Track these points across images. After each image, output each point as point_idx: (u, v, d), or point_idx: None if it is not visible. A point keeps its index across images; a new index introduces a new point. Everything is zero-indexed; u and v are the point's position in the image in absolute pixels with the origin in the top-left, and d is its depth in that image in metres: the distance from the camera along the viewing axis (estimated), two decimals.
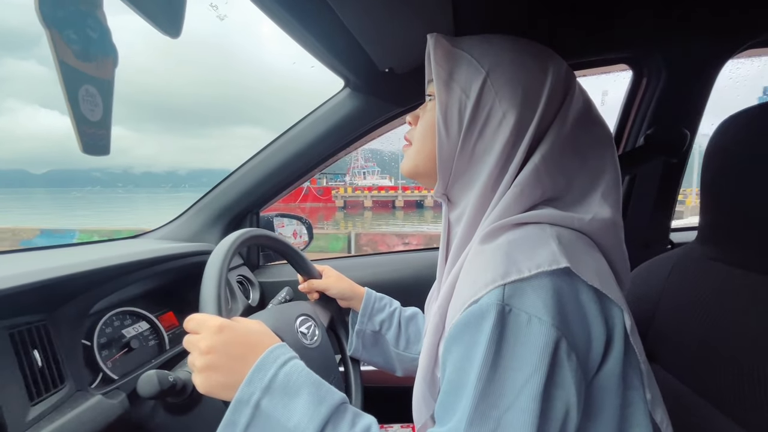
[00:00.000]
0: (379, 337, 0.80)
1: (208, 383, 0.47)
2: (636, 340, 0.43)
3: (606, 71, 0.98)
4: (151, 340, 0.83)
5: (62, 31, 0.32)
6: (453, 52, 0.51)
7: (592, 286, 0.41)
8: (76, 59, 0.33)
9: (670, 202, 1.06)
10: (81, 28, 0.33)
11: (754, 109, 0.56)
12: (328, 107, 1.05)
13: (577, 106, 0.50)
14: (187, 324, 0.51)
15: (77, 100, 0.33)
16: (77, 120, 0.33)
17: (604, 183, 0.49)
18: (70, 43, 0.32)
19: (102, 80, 0.36)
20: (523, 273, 0.39)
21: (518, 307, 0.38)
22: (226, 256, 0.58)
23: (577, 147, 0.49)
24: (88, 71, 0.34)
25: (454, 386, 0.40)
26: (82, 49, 0.34)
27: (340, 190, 23.97)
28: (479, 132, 0.49)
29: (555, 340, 0.37)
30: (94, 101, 0.35)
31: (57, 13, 0.31)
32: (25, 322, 0.57)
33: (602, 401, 0.41)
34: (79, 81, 0.34)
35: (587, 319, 0.40)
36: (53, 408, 0.57)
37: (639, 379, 0.42)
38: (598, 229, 0.47)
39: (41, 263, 0.63)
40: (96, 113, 0.35)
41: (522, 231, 0.45)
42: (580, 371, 0.38)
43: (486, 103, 0.48)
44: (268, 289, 1.19)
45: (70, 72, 0.33)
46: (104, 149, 0.36)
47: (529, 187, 0.47)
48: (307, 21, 0.71)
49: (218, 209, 1.14)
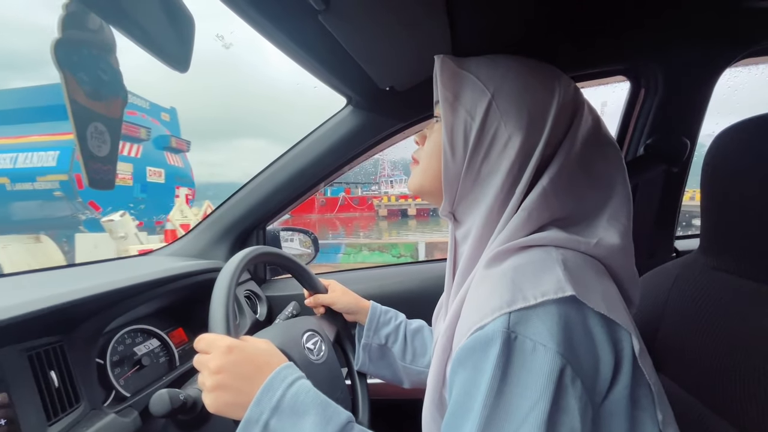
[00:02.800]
0: (385, 350, 0.80)
1: (218, 402, 0.48)
2: (645, 362, 0.43)
3: (603, 83, 0.98)
4: (161, 357, 0.84)
5: (75, 73, 0.34)
6: (459, 74, 0.51)
7: (599, 312, 0.41)
8: (87, 98, 0.35)
9: (673, 210, 1.05)
10: (93, 70, 0.36)
11: (752, 120, 0.57)
12: (331, 124, 1.07)
13: (586, 126, 0.49)
14: (197, 344, 0.52)
15: (85, 137, 0.35)
16: (84, 156, 0.35)
17: (611, 207, 0.49)
18: (82, 84, 0.34)
19: (111, 119, 0.38)
20: (528, 301, 0.39)
21: (523, 334, 0.38)
22: (233, 276, 0.59)
23: (586, 168, 0.49)
24: (97, 110, 0.36)
25: (460, 409, 0.40)
26: (93, 90, 0.36)
27: (384, 199, 23.61)
28: (485, 154, 0.49)
29: (560, 367, 0.37)
30: (102, 138, 0.37)
31: (72, 57, 0.34)
32: (42, 343, 0.59)
33: (612, 423, 0.40)
34: (88, 119, 0.36)
35: (594, 345, 0.40)
36: (69, 427, 0.58)
37: (649, 399, 0.42)
38: (605, 253, 0.47)
39: (57, 285, 0.65)
40: (103, 149, 0.37)
41: (527, 255, 0.45)
42: (586, 397, 0.38)
43: (491, 125, 0.48)
44: (276, 303, 1.20)
45: (80, 110, 0.35)
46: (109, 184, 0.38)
47: (537, 211, 0.47)
48: (306, 44, 0.73)
49: (225, 226, 1.16)
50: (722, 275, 0.60)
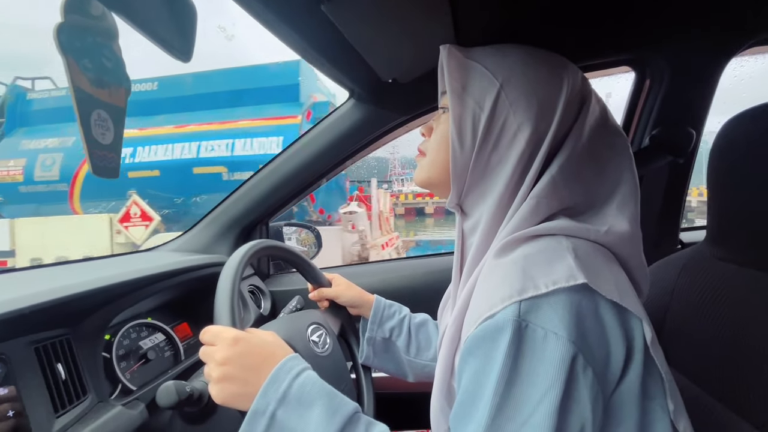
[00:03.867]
0: (389, 344, 0.80)
1: (224, 394, 0.48)
2: (657, 350, 0.42)
3: (608, 74, 0.98)
4: (167, 351, 0.85)
5: (78, 59, 0.34)
6: (466, 64, 0.51)
7: (611, 300, 0.40)
8: (90, 85, 0.35)
9: (678, 202, 1.05)
10: (96, 57, 0.35)
11: (760, 108, 0.56)
12: (334, 118, 1.07)
13: (594, 116, 0.49)
14: (203, 336, 0.52)
15: (89, 124, 0.35)
16: (88, 143, 0.35)
17: (620, 194, 0.49)
18: (86, 71, 0.34)
19: (115, 107, 0.38)
20: (540, 289, 0.39)
21: (534, 322, 0.38)
22: (237, 268, 0.59)
23: (594, 156, 0.49)
24: (101, 97, 0.36)
25: (470, 398, 0.40)
26: (97, 77, 0.36)
27: (401, 197, 23.49)
28: (494, 144, 0.49)
29: (571, 355, 0.37)
30: (105, 126, 0.37)
31: (74, 42, 0.33)
32: (49, 336, 0.59)
33: (623, 413, 0.40)
34: (92, 105, 0.36)
35: (606, 333, 0.40)
36: (77, 419, 0.59)
37: (660, 388, 0.42)
38: (615, 241, 0.47)
39: (64, 279, 0.65)
40: (107, 137, 0.37)
41: (538, 244, 0.44)
42: (597, 386, 0.38)
43: (500, 115, 0.48)
44: (279, 298, 1.20)
45: (84, 97, 0.35)
46: (113, 172, 0.38)
47: (546, 199, 0.46)
48: (309, 36, 0.73)
49: (229, 221, 1.16)
50: (729, 266, 0.60)
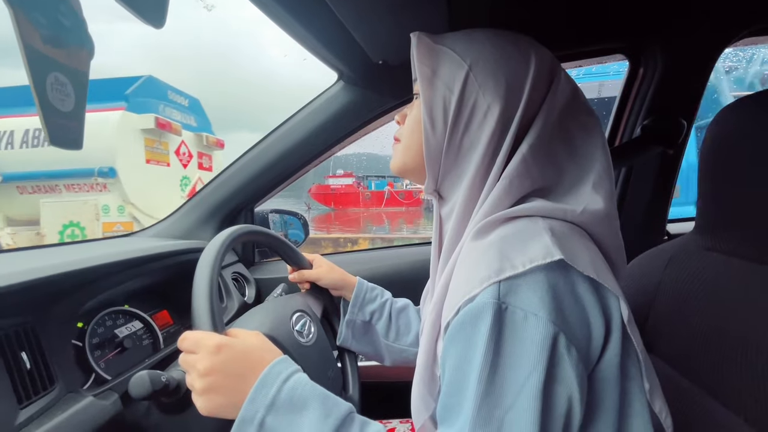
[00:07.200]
0: (369, 327, 0.80)
1: (210, 405, 0.46)
2: (633, 329, 0.42)
3: (602, 62, 0.96)
4: (145, 340, 0.81)
5: (28, 12, 0.30)
6: (435, 49, 0.51)
7: (588, 277, 0.40)
8: (44, 44, 0.31)
9: (667, 193, 1.05)
10: (51, 12, 0.32)
11: (753, 98, 0.55)
12: (321, 101, 1.03)
13: (564, 94, 0.49)
14: (182, 343, 0.50)
15: (44, 88, 0.31)
16: (44, 109, 0.31)
17: (595, 173, 0.48)
18: (38, 27, 0.30)
19: (75, 70, 0.34)
20: (517, 268, 0.39)
21: (514, 304, 0.38)
22: (214, 263, 0.56)
23: (565, 136, 0.49)
24: (58, 58, 0.32)
25: (455, 387, 0.39)
26: (52, 35, 0.32)
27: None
28: (465, 126, 0.49)
29: (553, 335, 0.37)
30: (64, 90, 0.33)
31: None
32: (11, 324, 0.56)
33: (602, 392, 0.40)
34: (47, 67, 0.32)
35: (585, 311, 0.40)
36: (42, 411, 0.56)
37: (637, 368, 0.42)
38: (591, 220, 0.47)
39: (27, 263, 0.61)
40: (67, 104, 0.33)
41: (514, 225, 0.44)
42: (582, 365, 0.38)
43: (470, 96, 0.48)
44: (264, 286, 1.18)
45: (37, 56, 0.31)
46: (76, 143, 0.34)
47: (518, 179, 0.46)
48: (299, 13, 0.70)
49: (212, 206, 1.12)
50: (717, 256, 0.59)
